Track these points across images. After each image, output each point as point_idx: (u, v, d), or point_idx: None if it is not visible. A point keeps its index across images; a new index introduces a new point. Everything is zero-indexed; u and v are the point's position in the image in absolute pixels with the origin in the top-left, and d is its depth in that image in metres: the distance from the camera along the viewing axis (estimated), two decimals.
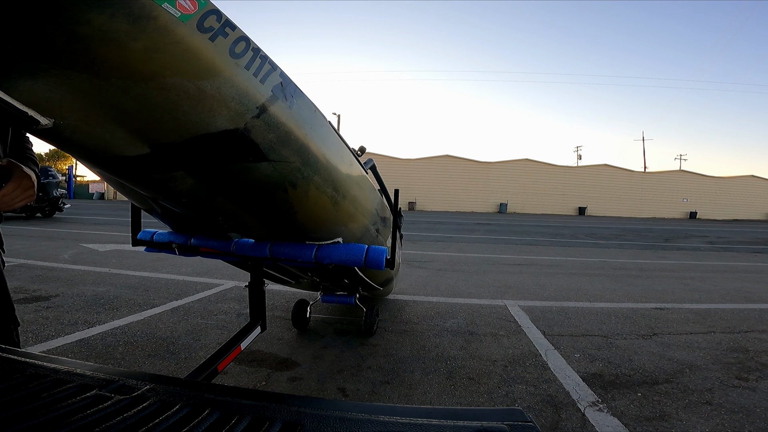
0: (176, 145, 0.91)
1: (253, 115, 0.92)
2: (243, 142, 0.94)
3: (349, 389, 1.95)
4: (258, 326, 1.76)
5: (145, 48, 0.75)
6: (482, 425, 0.42)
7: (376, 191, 1.88)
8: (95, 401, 0.47)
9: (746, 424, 1.69)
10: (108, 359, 2.19)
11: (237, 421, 0.44)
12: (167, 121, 0.85)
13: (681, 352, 2.51)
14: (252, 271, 1.80)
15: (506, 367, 2.23)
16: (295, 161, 1.06)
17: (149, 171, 0.99)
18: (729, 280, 5.12)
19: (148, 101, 0.81)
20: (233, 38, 0.87)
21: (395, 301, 3.58)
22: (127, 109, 0.82)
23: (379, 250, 1.40)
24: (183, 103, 0.83)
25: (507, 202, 30.34)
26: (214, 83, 0.84)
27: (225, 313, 3.05)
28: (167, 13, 0.76)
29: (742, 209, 31.23)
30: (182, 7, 0.78)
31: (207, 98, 0.85)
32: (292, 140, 1.03)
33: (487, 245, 8.29)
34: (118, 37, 0.72)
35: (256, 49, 0.93)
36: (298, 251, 1.39)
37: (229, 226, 1.43)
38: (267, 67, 0.95)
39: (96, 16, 0.70)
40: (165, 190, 1.08)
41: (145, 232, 1.79)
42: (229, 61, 0.86)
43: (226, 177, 1.03)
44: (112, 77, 0.76)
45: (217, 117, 0.88)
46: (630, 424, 1.67)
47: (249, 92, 0.90)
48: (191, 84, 0.82)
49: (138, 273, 4.35)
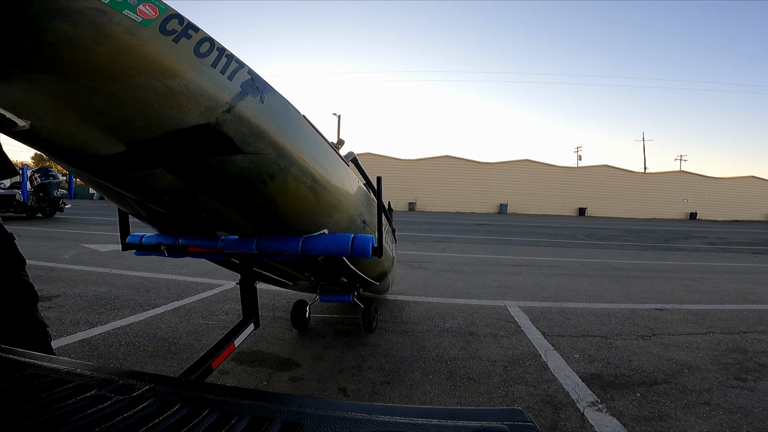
0: (150, 142, 0.95)
1: (224, 110, 0.97)
2: (216, 135, 0.98)
3: (350, 389, 1.95)
4: (251, 323, 1.76)
5: (110, 51, 0.81)
6: (482, 425, 0.42)
7: (359, 183, 1.89)
8: (95, 401, 0.47)
9: (744, 424, 1.69)
10: (110, 359, 2.19)
11: (237, 421, 0.44)
12: (139, 118, 0.90)
13: (680, 353, 2.51)
14: (241, 267, 1.81)
15: (506, 368, 2.23)
16: (270, 153, 1.10)
17: (126, 169, 1.03)
18: (729, 281, 5.12)
19: (118, 100, 0.86)
20: (197, 39, 0.93)
21: (395, 302, 3.58)
22: (99, 109, 0.87)
23: (365, 238, 1.41)
24: (152, 101, 0.88)
25: (507, 203, 30.35)
26: (181, 81, 0.90)
27: (226, 314, 3.05)
28: (128, 18, 0.82)
29: (742, 210, 31.23)
30: (143, 12, 0.84)
31: (176, 95, 0.90)
32: (265, 133, 1.07)
33: (487, 246, 8.29)
34: (83, 42, 0.78)
35: (221, 48, 0.98)
36: (284, 244, 1.40)
37: (214, 224, 1.45)
38: (234, 65, 1.01)
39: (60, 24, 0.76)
40: (144, 188, 1.11)
41: (134, 236, 1.82)
42: (195, 60, 0.92)
43: (203, 172, 1.07)
44: (81, 79, 0.82)
45: (188, 113, 0.93)
46: (629, 424, 1.67)
47: (217, 88, 0.95)
48: (159, 83, 0.87)
49: (139, 273, 4.36)
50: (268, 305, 3.30)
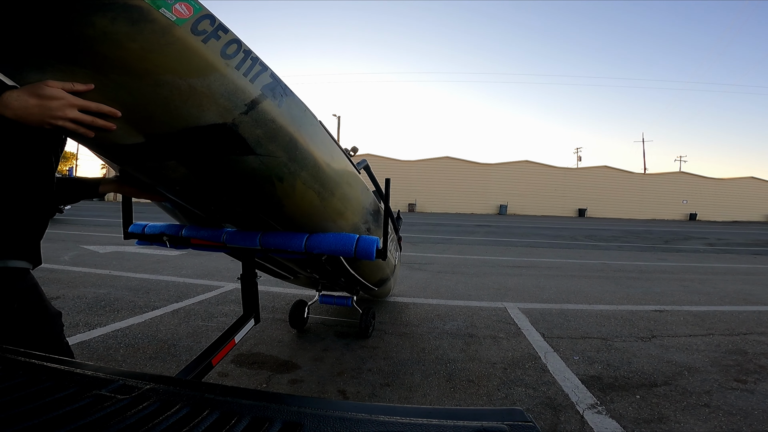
0: (168, 136, 0.98)
1: (241, 112, 0.99)
2: (231, 135, 1.00)
3: (350, 391, 1.94)
4: (252, 319, 1.75)
5: (141, 48, 0.83)
6: (482, 425, 0.42)
7: (369, 191, 1.90)
8: (95, 401, 0.47)
9: (744, 426, 1.69)
10: (109, 361, 2.19)
11: (237, 421, 0.44)
12: (160, 114, 0.93)
13: (680, 355, 2.51)
14: (243, 261, 1.80)
15: (506, 370, 2.23)
16: (282, 156, 1.12)
17: (144, 159, 1.07)
18: (728, 282, 5.12)
19: (143, 96, 0.89)
20: (225, 41, 0.94)
21: (395, 304, 3.58)
22: (124, 102, 0.89)
23: (370, 240, 1.41)
24: (175, 98, 0.90)
25: (507, 204, 30.35)
26: (205, 81, 0.91)
27: (226, 315, 3.05)
28: (164, 17, 0.83)
29: (742, 211, 31.25)
30: (178, 12, 0.85)
31: (197, 94, 0.92)
32: (279, 137, 1.09)
33: (486, 247, 8.29)
34: (118, 38, 0.80)
35: (247, 51, 0.99)
36: (288, 241, 1.40)
37: (221, 217, 1.47)
38: (257, 68, 1.02)
39: (99, 19, 0.78)
40: (159, 177, 1.16)
41: (137, 225, 1.80)
42: (220, 62, 0.93)
43: (215, 167, 1.10)
44: (112, 74, 0.84)
45: (207, 112, 0.95)
46: (628, 426, 1.67)
47: (238, 90, 0.97)
48: (183, 81, 0.89)
49: (139, 275, 4.35)
50: (267, 307, 3.30)
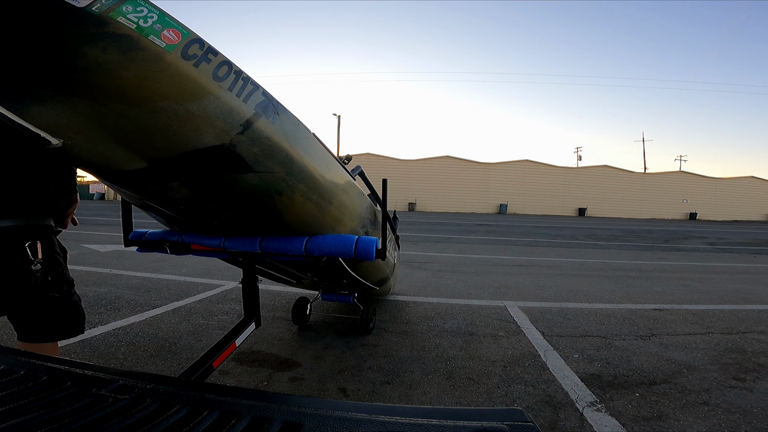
0: (169, 160, 1.01)
1: (238, 132, 1.01)
2: (229, 156, 1.03)
3: (350, 389, 1.95)
4: (252, 322, 1.76)
5: (135, 76, 0.85)
6: (482, 425, 0.42)
7: (365, 196, 1.92)
8: (95, 401, 0.47)
9: (743, 424, 1.69)
10: (110, 360, 2.19)
11: (237, 421, 0.44)
12: (160, 139, 0.95)
13: (679, 353, 2.51)
14: (244, 267, 1.81)
15: (505, 368, 2.23)
16: (279, 172, 1.14)
17: (147, 183, 1.10)
18: (728, 281, 5.12)
19: (142, 123, 0.91)
20: (216, 63, 0.96)
21: (395, 302, 3.58)
22: (125, 130, 0.92)
23: (369, 240, 1.42)
24: (173, 124, 0.92)
25: (507, 203, 30.35)
26: (200, 105, 0.93)
27: (226, 314, 3.05)
28: (153, 44, 0.85)
29: (742, 210, 31.25)
30: (167, 38, 0.87)
31: (194, 118, 0.93)
32: (276, 153, 1.11)
33: (486, 246, 8.30)
34: (111, 68, 0.82)
35: (238, 71, 1.01)
36: (287, 244, 1.42)
37: (224, 230, 1.49)
38: (249, 87, 1.04)
39: (90, 50, 0.80)
40: (163, 198, 1.19)
41: (137, 232, 1.80)
42: (213, 84, 0.95)
43: (216, 187, 1.13)
44: (110, 102, 0.87)
45: (205, 135, 0.97)
46: (628, 424, 1.67)
47: (233, 111, 0.99)
48: (179, 107, 0.91)
49: (139, 274, 4.35)
50: (268, 305, 3.30)
